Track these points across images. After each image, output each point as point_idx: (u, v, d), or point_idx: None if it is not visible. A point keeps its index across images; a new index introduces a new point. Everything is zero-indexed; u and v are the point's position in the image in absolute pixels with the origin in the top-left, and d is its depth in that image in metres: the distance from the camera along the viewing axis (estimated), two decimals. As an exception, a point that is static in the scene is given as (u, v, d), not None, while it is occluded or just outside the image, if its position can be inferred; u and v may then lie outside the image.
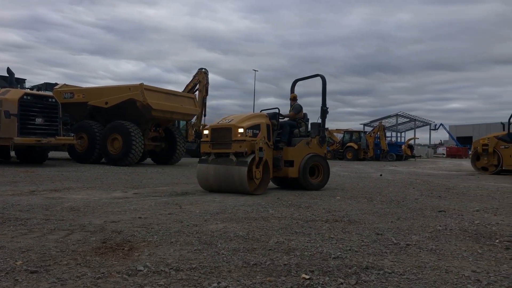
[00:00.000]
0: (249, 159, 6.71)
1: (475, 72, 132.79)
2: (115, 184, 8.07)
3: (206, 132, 7.43)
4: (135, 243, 3.26)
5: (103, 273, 2.49)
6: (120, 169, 12.56)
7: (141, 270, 2.55)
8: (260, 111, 8.20)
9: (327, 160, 8.43)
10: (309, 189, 7.68)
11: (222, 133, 7.09)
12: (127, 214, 4.60)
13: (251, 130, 6.98)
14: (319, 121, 8.31)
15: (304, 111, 8.67)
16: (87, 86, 17.88)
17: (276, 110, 7.99)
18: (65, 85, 17.07)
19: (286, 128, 7.98)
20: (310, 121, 8.62)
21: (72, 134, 13.84)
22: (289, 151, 7.71)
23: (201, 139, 7.70)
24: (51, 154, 15.54)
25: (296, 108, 8.51)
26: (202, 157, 7.42)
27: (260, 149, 6.82)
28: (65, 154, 17.28)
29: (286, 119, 8.38)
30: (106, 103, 14.86)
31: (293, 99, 8.79)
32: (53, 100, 13.08)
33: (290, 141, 7.93)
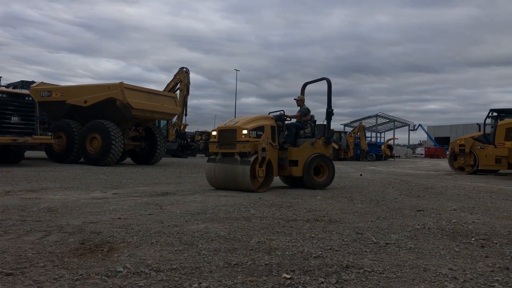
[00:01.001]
0: (252, 159, 7.15)
1: (452, 74, 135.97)
2: (94, 184, 7.95)
3: (214, 133, 7.94)
4: (115, 244, 3.21)
5: (81, 274, 2.44)
6: (99, 169, 12.37)
7: (120, 271, 2.52)
8: (269, 113, 8.57)
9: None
10: (312, 187, 8.00)
11: (228, 134, 7.54)
12: (106, 214, 4.53)
13: (255, 132, 7.42)
14: (325, 122, 8.71)
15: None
16: (66, 84, 17.57)
17: (282, 112, 8.40)
18: (42, 83, 16.71)
19: (292, 129, 8.41)
20: (316, 123, 8.93)
21: (50, 133, 13.55)
22: (294, 151, 8.08)
23: (209, 140, 8.26)
24: (28, 153, 15.19)
25: (303, 111, 8.81)
26: (211, 157, 7.95)
27: (263, 149, 7.25)
28: (42, 154, 16.92)
29: (293, 120, 8.73)
30: (85, 102, 14.61)
31: (301, 101, 9.04)
32: (30, 98, 12.78)
33: (296, 142, 8.31)
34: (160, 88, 21.01)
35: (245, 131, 7.31)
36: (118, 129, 14.27)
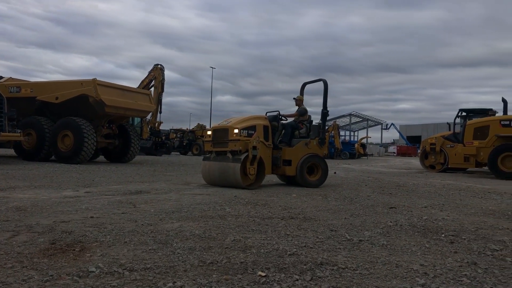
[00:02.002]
0: (243, 157, 7.43)
1: (422, 75, 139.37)
2: (65, 182, 7.76)
3: (209, 133, 8.34)
4: (87, 243, 3.15)
5: (51, 275, 2.38)
6: (71, 167, 12.10)
7: (93, 271, 2.47)
8: (266, 113, 8.78)
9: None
10: (306, 186, 8.19)
11: (221, 133, 7.88)
12: (78, 213, 4.44)
13: (246, 131, 7.73)
14: (320, 122, 8.92)
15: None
16: (36, 80, 17.09)
17: (278, 112, 8.64)
18: (10, 78, 16.20)
19: (288, 129, 8.65)
20: (312, 123, 9.06)
21: (19, 131, 13.16)
22: (287, 151, 8.32)
23: (205, 139, 8.75)
24: (-4, 151, 14.72)
25: (301, 111, 8.96)
26: (206, 155, 8.33)
27: (254, 147, 7.48)
28: (11, 152, 16.41)
29: (290, 119, 8.92)
30: (57, 98, 14.25)
31: (300, 101, 9.19)
32: (-2, 94, 12.37)
33: (291, 142, 8.53)
34: (134, 85, 20.72)
35: (236, 130, 7.59)
36: (91, 127, 13.99)
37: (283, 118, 8.76)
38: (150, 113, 21.41)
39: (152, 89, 22.73)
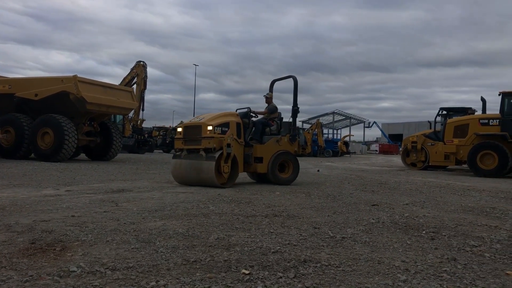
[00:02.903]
0: (217, 155, 7.22)
1: (403, 74, 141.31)
2: (45, 181, 7.63)
3: (179, 129, 8.01)
4: (68, 242, 3.10)
5: (31, 275, 2.34)
6: (51, 165, 11.89)
7: (74, 271, 2.43)
8: (236, 110, 8.58)
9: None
10: (278, 183, 8.10)
11: (193, 130, 7.63)
12: (59, 212, 4.37)
13: (220, 128, 7.52)
14: (290, 120, 8.78)
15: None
16: (14, 76, 16.72)
17: (248, 109, 8.49)
18: (-12, 74, 15.83)
19: (259, 126, 8.47)
20: (282, 121, 8.98)
21: (-3, 128, 12.87)
22: (259, 148, 8.17)
23: (175, 136, 8.24)
24: (-27, 149, 14.35)
25: (271, 109, 8.85)
26: (176, 153, 7.99)
27: (228, 145, 7.32)
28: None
29: (260, 116, 8.82)
30: (36, 95, 13.98)
31: (270, 98, 9.10)
32: (-25, 90, 12.07)
33: (262, 139, 8.38)
34: (116, 82, 20.43)
35: (210, 127, 7.39)
36: (72, 124, 13.78)
37: (253, 115, 8.65)
38: (133, 111, 21.21)
39: (135, 86, 22.49)
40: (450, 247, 3.34)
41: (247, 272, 2.53)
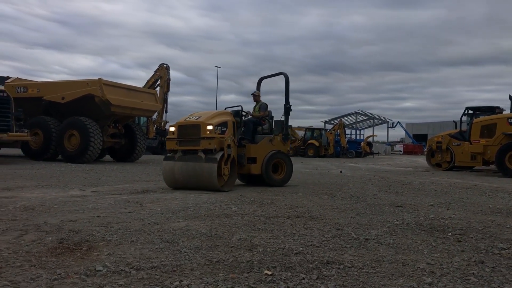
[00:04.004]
0: (218, 156, 6.77)
1: (425, 73, 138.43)
2: (72, 182, 7.81)
3: (172, 129, 7.38)
4: (94, 242, 3.17)
5: (59, 274, 2.40)
6: (77, 166, 12.17)
7: (100, 270, 2.48)
8: (225, 109, 8.19)
9: (290, 157, 8.55)
10: (272, 185, 7.78)
11: (190, 130, 7.09)
12: (85, 213, 4.46)
13: (220, 127, 7.04)
14: (283, 118, 8.41)
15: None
16: (42, 80, 17.18)
17: (239, 108, 8.06)
18: (18, 79, 16.30)
19: (250, 125, 8.07)
20: (274, 119, 8.68)
21: (26, 130, 13.24)
22: (252, 148, 7.78)
23: (167, 136, 7.60)
24: (3, 151, 14.84)
25: (263, 107, 8.56)
26: (168, 155, 7.36)
27: (228, 146, 6.95)
28: (18, 151, 16.52)
29: (249, 116, 8.46)
30: (63, 98, 14.33)
31: (258, 96, 8.84)
32: (5, 94, 12.46)
33: (254, 139, 8.01)
34: (139, 84, 20.75)
35: (210, 127, 6.90)
36: (97, 126, 14.05)
37: (244, 113, 8.22)
38: (156, 113, 21.47)
39: (158, 88, 22.79)
40: (478, 250, 3.26)
41: (269, 273, 2.53)
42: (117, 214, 4.44)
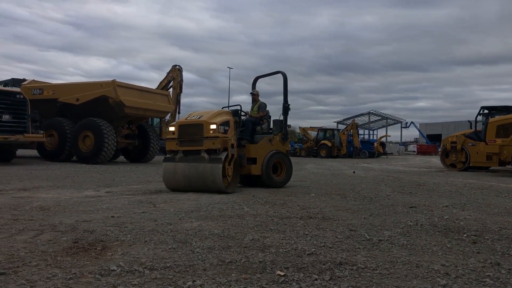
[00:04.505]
0: (223, 156, 6.59)
1: (439, 73, 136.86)
2: (86, 182, 7.90)
3: (172, 129, 7.17)
4: (108, 242, 3.20)
5: (74, 273, 2.43)
6: (92, 167, 12.31)
7: (114, 270, 2.51)
8: (222, 108, 8.03)
9: (293, 157, 8.45)
10: (272, 186, 7.59)
11: (192, 129, 6.86)
12: (100, 213, 4.52)
13: (222, 127, 6.84)
14: (281, 118, 8.23)
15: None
16: (57, 82, 17.43)
17: (238, 107, 7.89)
18: (33, 81, 16.58)
19: (249, 125, 7.86)
20: (271, 118, 8.55)
21: (41, 132, 13.45)
22: (252, 148, 7.59)
23: (167, 137, 7.29)
24: (19, 152, 15.08)
25: (262, 106, 8.42)
26: (167, 155, 7.14)
27: (232, 145, 6.79)
28: (34, 152, 16.79)
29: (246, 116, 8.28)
30: (77, 99, 14.53)
31: (257, 96, 8.69)
32: (21, 96, 12.67)
33: (253, 138, 7.82)
34: (152, 86, 20.91)
35: (213, 126, 6.68)
36: (111, 127, 14.21)
37: (243, 113, 8.05)
38: (169, 114, 21.59)
39: (171, 89, 22.92)
40: (494, 251, 3.21)
41: (282, 273, 2.53)
42: (130, 214, 4.48)
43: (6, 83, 18.48)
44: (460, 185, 9.07)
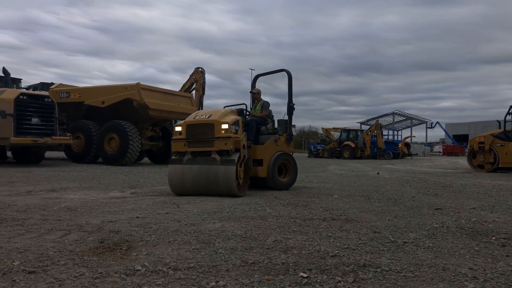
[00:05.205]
0: (236, 158, 6.24)
1: (464, 72, 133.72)
2: (112, 183, 8.06)
3: (178, 128, 6.69)
4: (133, 242, 3.25)
5: (101, 273, 2.48)
6: (117, 168, 12.54)
7: (139, 270, 2.55)
8: (224, 107, 7.65)
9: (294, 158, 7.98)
10: (277, 189, 7.26)
11: (202, 129, 6.49)
12: (125, 213, 4.60)
13: (234, 127, 6.48)
14: (286, 117, 7.94)
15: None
16: (83, 86, 17.83)
17: (243, 106, 7.64)
18: (61, 84, 17.00)
19: (253, 125, 7.43)
20: (274, 118, 8.21)
21: (69, 134, 13.80)
22: (258, 150, 7.24)
23: (173, 137, 6.88)
24: (47, 154, 15.49)
25: (265, 105, 8.08)
26: (173, 157, 6.76)
27: (244, 146, 6.50)
28: (61, 154, 17.22)
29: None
30: (103, 102, 14.82)
31: (258, 94, 8.35)
32: (49, 99, 13.03)
33: (257, 139, 7.44)
34: (175, 89, 21.16)
35: (225, 126, 6.32)
36: (136, 129, 14.44)
37: (248, 112, 7.75)
38: (192, 115, 21.74)
39: (194, 92, 23.14)
40: (524, 255, 3.11)
41: (305, 275, 2.52)
42: (155, 215, 4.54)
43: (35, 87, 19.03)
44: (488, 186, 8.84)
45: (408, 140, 41.44)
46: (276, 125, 8.00)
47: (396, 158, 32.63)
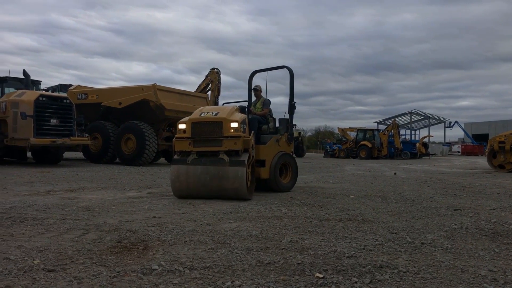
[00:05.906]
0: (245, 158, 5.91)
1: (482, 70, 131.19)
2: (129, 184, 8.14)
3: (182, 126, 6.27)
4: (150, 242, 3.28)
5: (118, 272, 2.51)
6: (134, 169, 12.67)
7: (155, 269, 2.57)
8: (223, 104, 7.33)
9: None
10: (278, 190, 6.98)
11: (209, 128, 6.09)
12: (141, 213, 4.64)
13: (243, 125, 6.15)
14: (287, 116, 7.62)
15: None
16: (101, 87, 18.07)
17: (245, 104, 7.34)
18: (79, 86, 17.26)
19: (255, 124, 7.05)
20: (274, 117, 7.91)
21: (86, 135, 14.00)
22: (260, 150, 6.83)
23: (176, 136, 6.40)
24: (66, 154, 15.76)
25: (266, 103, 7.76)
26: (176, 157, 6.28)
27: (252, 146, 6.22)
28: (79, 155, 17.49)
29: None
30: (120, 103, 15.00)
31: (259, 91, 7.94)
32: (68, 101, 13.25)
33: (259, 139, 7.08)
34: (191, 89, 21.28)
35: (234, 124, 5.97)
36: (152, 130, 14.57)
37: (251, 110, 7.48)
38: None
39: (209, 92, 23.23)
40: (546, 257, 3.04)
41: (321, 276, 2.50)
42: (171, 215, 4.57)
43: (54, 88, 19.34)
44: (509, 187, 8.66)
45: (426, 139, 40.86)
46: (277, 124, 7.75)
47: (413, 158, 32.23)
